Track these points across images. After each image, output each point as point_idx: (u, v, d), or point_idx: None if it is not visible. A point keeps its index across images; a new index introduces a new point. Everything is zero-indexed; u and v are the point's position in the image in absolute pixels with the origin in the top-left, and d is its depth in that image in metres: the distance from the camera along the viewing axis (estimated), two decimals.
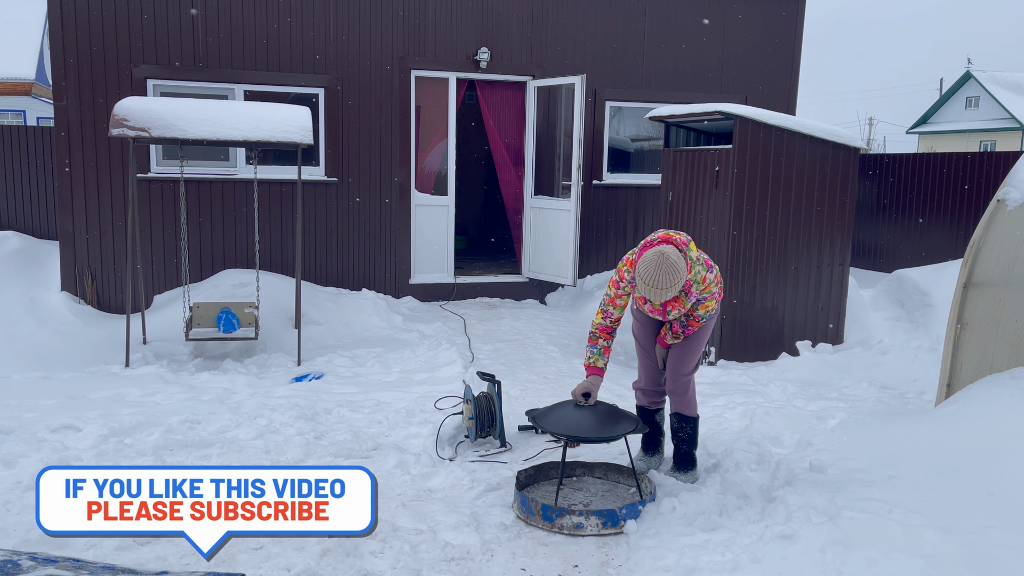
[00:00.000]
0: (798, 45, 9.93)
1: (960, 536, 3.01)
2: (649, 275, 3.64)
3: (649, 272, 3.64)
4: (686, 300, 3.90)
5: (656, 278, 3.63)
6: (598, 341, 3.99)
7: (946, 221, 10.53)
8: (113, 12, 7.76)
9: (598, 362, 3.97)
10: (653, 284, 3.64)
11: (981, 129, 37.81)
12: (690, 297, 3.89)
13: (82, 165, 7.83)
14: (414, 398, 5.36)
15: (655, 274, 3.63)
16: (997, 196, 4.36)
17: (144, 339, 6.78)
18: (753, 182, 6.41)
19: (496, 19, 8.90)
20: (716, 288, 3.97)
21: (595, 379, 3.95)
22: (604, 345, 3.99)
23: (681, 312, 3.95)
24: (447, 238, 9.14)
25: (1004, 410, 3.82)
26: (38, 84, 19.45)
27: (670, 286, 3.63)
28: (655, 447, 4.44)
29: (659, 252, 3.66)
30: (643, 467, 4.31)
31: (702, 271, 3.86)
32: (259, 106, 6.66)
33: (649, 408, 4.38)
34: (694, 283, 3.85)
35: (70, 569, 1.64)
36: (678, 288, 3.67)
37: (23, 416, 4.77)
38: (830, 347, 6.70)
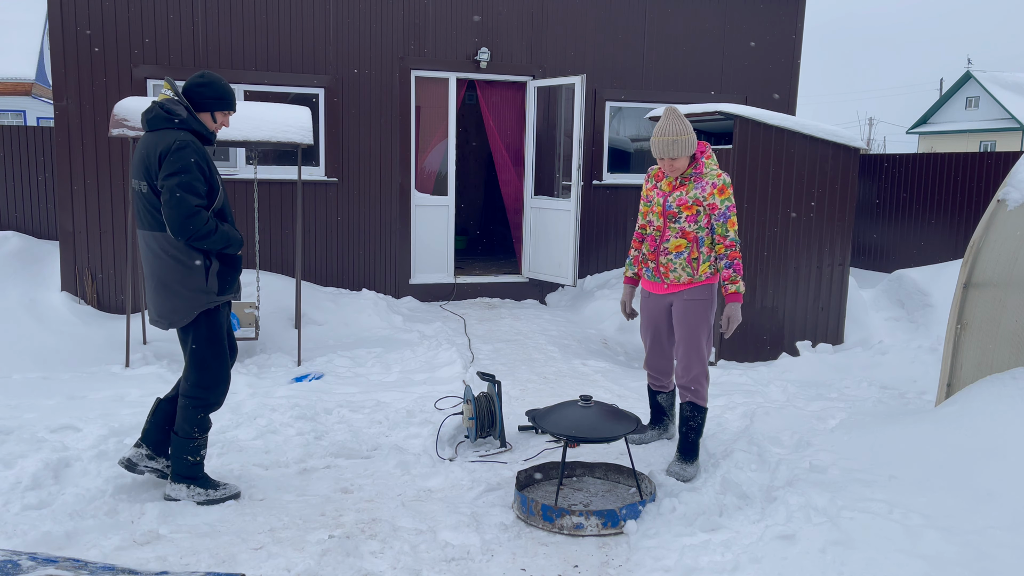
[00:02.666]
0: (798, 45, 9.93)
1: (960, 536, 3.01)
2: (659, 127, 3.97)
3: (660, 125, 3.97)
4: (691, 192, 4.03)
5: (665, 125, 3.94)
6: (630, 252, 4.47)
7: (946, 221, 10.53)
8: (113, 12, 7.76)
9: (628, 271, 4.49)
10: (663, 132, 3.93)
11: (981, 129, 37.82)
12: (701, 186, 4.03)
13: (82, 165, 7.83)
14: (414, 398, 5.36)
15: (665, 122, 3.95)
16: (997, 196, 4.36)
17: (144, 339, 6.78)
18: (753, 182, 6.41)
19: (496, 19, 8.90)
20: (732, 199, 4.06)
21: (629, 288, 4.49)
22: (635, 255, 4.43)
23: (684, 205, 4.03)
24: (447, 238, 9.14)
25: (1004, 410, 3.81)
26: (38, 84, 19.45)
27: (679, 133, 3.91)
28: (657, 423, 4.70)
29: (669, 107, 4.03)
30: (640, 438, 4.62)
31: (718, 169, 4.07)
32: (259, 106, 6.66)
33: (655, 389, 4.63)
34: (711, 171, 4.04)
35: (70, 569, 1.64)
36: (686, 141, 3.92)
37: (23, 416, 4.77)
38: (830, 347, 6.70)
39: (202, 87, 3.62)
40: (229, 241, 3.62)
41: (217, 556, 3.28)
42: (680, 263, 4.09)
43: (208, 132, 3.66)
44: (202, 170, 3.52)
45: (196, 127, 3.61)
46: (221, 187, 3.66)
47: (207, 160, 3.56)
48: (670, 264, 4.11)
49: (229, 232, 3.62)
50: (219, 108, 3.66)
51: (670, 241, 4.09)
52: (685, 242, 4.07)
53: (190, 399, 3.74)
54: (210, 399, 3.77)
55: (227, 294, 3.73)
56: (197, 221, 3.47)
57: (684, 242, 4.07)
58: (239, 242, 3.68)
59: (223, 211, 3.69)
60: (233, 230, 3.68)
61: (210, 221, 3.53)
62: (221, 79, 3.70)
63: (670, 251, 4.10)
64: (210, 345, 3.71)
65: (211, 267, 3.61)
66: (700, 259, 4.09)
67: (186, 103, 3.60)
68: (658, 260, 4.15)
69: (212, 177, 3.58)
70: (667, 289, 4.18)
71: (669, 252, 4.10)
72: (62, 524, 3.40)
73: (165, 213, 3.48)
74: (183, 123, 3.56)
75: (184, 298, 3.60)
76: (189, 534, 3.46)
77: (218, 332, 3.73)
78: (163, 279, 3.60)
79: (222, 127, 3.75)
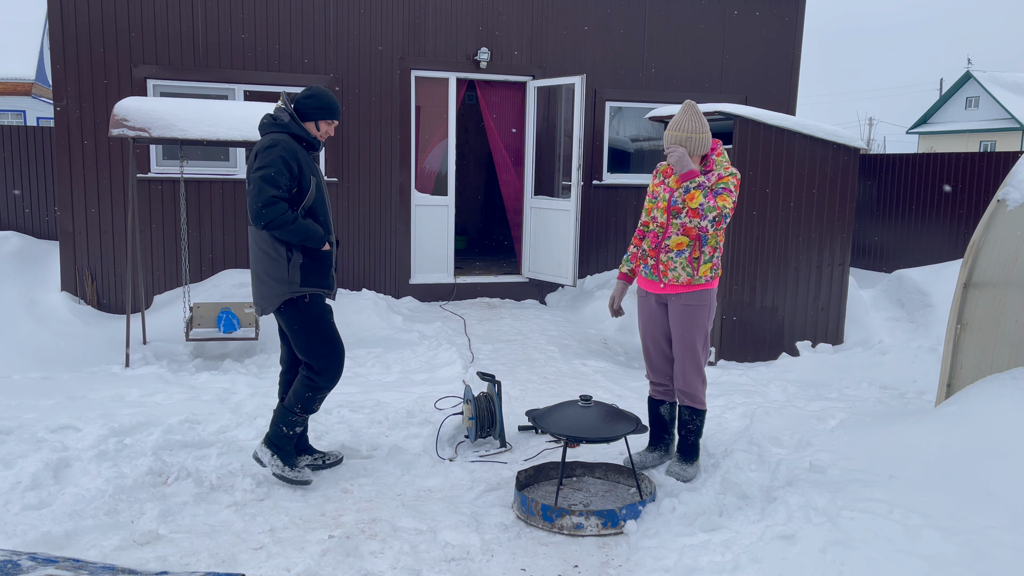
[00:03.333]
0: (798, 45, 9.93)
1: (960, 536, 3.01)
2: (675, 121, 4.01)
3: (676, 118, 4.02)
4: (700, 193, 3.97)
5: (682, 120, 3.99)
6: (629, 248, 4.38)
7: (946, 221, 10.54)
8: (113, 12, 7.76)
9: (623, 267, 4.38)
10: (678, 127, 3.98)
11: (981, 129, 37.82)
12: (712, 173, 4.02)
13: (82, 165, 7.83)
14: (414, 398, 5.36)
15: (682, 116, 4.00)
16: (997, 196, 4.36)
17: (144, 339, 6.78)
18: (753, 182, 6.41)
19: (496, 19, 8.90)
20: (735, 182, 4.02)
21: (623, 284, 4.37)
22: (634, 251, 4.34)
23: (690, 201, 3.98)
24: (447, 238, 9.13)
25: (1004, 410, 3.81)
26: (38, 84, 19.45)
27: (695, 131, 3.96)
28: (658, 444, 4.40)
29: (688, 102, 4.04)
30: (641, 462, 4.29)
31: (729, 165, 4.07)
32: (259, 106, 6.66)
33: (657, 398, 4.39)
34: (722, 166, 4.04)
35: (70, 569, 1.64)
36: (702, 137, 3.97)
37: (23, 416, 4.77)
38: (830, 347, 6.70)
39: (307, 99, 3.93)
40: (307, 235, 3.81)
41: (217, 556, 3.28)
42: (681, 262, 4.02)
43: (311, 137, 3.93)
44: (289, 167, 3.77)
45: (297, 131, 3.89)
46: (315, 188, 3.89)
47: (298, 160, 3.82)
48: (670, 263, 4.04)
49: (308, 226, 3.81)
50: (321, 117, 3.96)
51: (672, 238, 4.03)
52: (687, 240, 4.01)
53: (304, 377, 3.99)
54: (319, 383, 3.97)
55: (311, 287, 3.91)
56: (272, 210, 3.71)
57: (686, 240, 4.01)
58: (318, 238, 3.85)
59: (313, 210, 3.91)
60: (314, 226, 3.84)
61: (287, 213, 3.75)
62: (327, 93, 3.97)
63: (671, 248, 4.03)
64: (307, 335, 3.93)
65: (292, 259, 3.85)
66: (701, 259, 4.02)
67: (291, 111, 3.91)
68: (658, 257, 4.08)
69: (303, 176, 3.84)
70: (664, 288, 4.10)
71: (670, 250, 4.03)
72: (62, 524, 3.40)
73: (247, 202, 3.78)
74: (284, 127, 3.88)
75: (269, 287, 3.90)
76: (189, 534, 3.46)
77: (314, 322, 3.93)
78: (256, 269, 3.95)
79: (327, 135, 4.02)
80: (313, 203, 3.89)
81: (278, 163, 3.73)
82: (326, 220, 3.96)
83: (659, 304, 4.20)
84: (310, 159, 3.93)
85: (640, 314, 4.32)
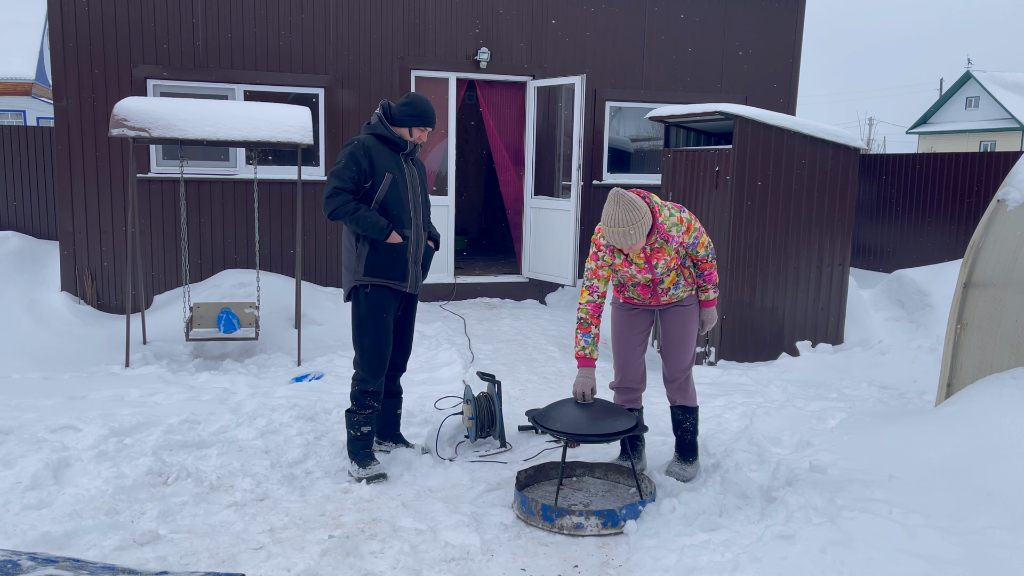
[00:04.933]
0: (798, 45, 9.93)
1: (960, 536, 3.01)
2: (609, 215, 3.63)
3: (608, 212, 3.64)
4: (668, 247, 3.84)
5: (616, 215, 3.60)
6: (590, 329, 3.90)
7: (946, 221, 10.53)
8: (113, 12, 7.76)
9: (593, 353, 3.90)
10: (615, 223, 3.61)
11: (981, 129, 37.81)
12: (672, 242, 3.83)
13: (82, 165, 7.83)
14: (414, 398, 5.36)
15: (614, 211, 3.61)
16: (997, 196, 4.36)
17: (144, 339, 6.78)
18: (753, 182, 6.41)
19: (496, 19, 8.90)
20: (698, 224, 3.91)
21: (591, 371, 3.91)
22: (596, 333, 3.92)
23: (669, 262, 3.86)
24: (447, 238, 9.13)
25: (1004, 410, 3.81)
26: (38, 84, 19.45)
27: (632, 223, 3.59)
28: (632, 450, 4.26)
29: (614, 191, 3.68)
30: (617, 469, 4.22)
31: (675, 212, 3.84)
32: (259, 106, 6.66)
33: (627, 408, 4.20)
34: (672, 226, 3.80)
35: (70, 569, 1.64)
36: (642, 226, 3.62)
37: (23, 416, 4.77)
38: (830, 347, 6.70)
39: (403, 106, 4.14)
40: (366, 225, 3.98)
41: (217, 556, 3.28)
42: (681, 287, 4.04)
43: (395, 138, 4.12)
44: (358, 163, 4.00)
45: (380, 132, 4.11)
46: (388, 183, 4.05)
47: (371, 156, 4.03)
48: (672, 296, 4.05)
49: (368, 217, 3.98)
50: (414, 124, 4.15)
51: (664, 282, 4.00)
52: (676, 274, 4.00)
53: (354, 372, 4.19)
54: (362, 375, 4.14)
55: (375, 277, 4.09)
56: (334, 200, 3.97)
57: (676, 274, 4.00)
58: (379, 228, 3.99)
59: (385, 204, 4.06)
60: (377, 218, 3.99)
61: (349, 204, 3.97)
62: (422, 102, 4.15)
63: (668, 287, 4.02)
64: (360, 324, 4.13)
65: (359, 250, 4.08)
66: (693, 275, 4.08)
67: (381, 115, 4.13)
68: (659, 300, 4.05)
69: (375, 172, 4.04)
70: (663, 304, 4.10)
71: (668, 289, 4.02)
72: (62, 524, 3.40)
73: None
74: (371, 128, 4.14)
75: (344, 276, 4.21)
76: (189, 534, 3.46)
77: (369, 313, 4.10)
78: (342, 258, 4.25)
79: (420, 140, 4.20)
80: (385, 197, 4.05)
81: (347, 158, 3.99)
82: (400, 214, 4.09)
83: (649, 313, 4.18)
84: (394, 158, 4.11)
85: (620, 320, 4.19)
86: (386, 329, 4.15)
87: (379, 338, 4.12)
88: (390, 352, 4.21)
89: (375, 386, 4.16)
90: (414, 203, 4.18)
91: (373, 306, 4.11)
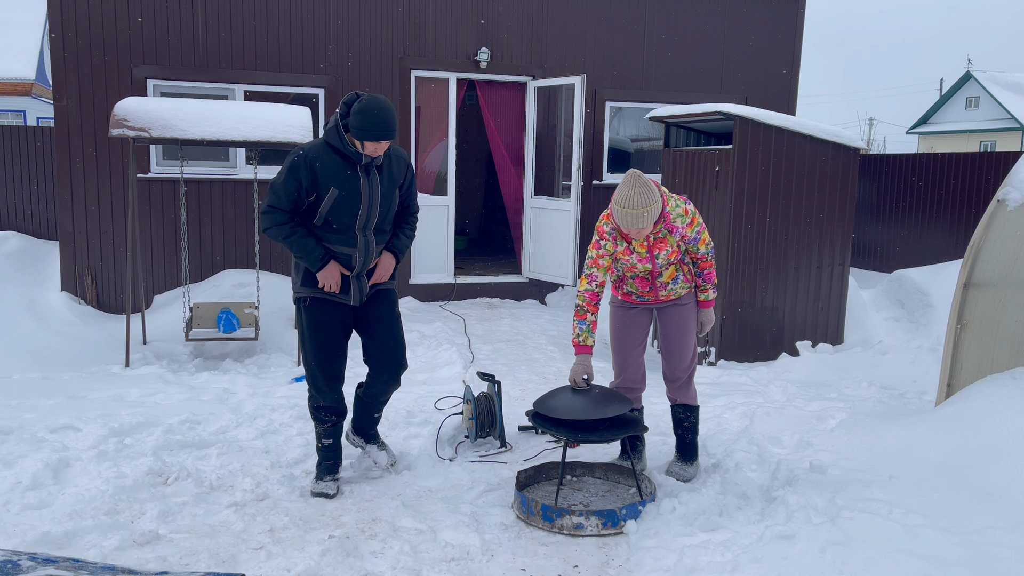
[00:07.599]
0: (798, 45, 9.93)
1: (960, 536, 3.01)
2: (623, 195, 3.59)
3: (623, 192, 3.59)
4: (672, 238, 3.82)
5: (632, 196, 3.57)
6: (587, 316, 3.89)
7: (946, 221, 10.53)
8: (113, 12, 7.76)
9: (588, 340, 3.89)
10: (629, 203, 3.57)
11: (981, 129, 37.82)
12: (676, 233, 3.82)
13: (82, 165, 7.83)
14: (414, 398, 5.36)
15: (630, 191, 3.57)
16: (997, 196, 4.36)
17: (144, 339, 6.78)
18: (753, 182, 6.41)
19: (496, 19, 8.90)
20: (701, 219, 3.91)
21: (588, 358, 3.89)
22: (592, 320, 3.90)
23: (670, 254, 3.85)
24: (447, 238, 9.13)
25: (1004, 410, 3.82)
26: (38, 84, 19.45)
27: (646, 205, 3.57)
28: (632, 450, 4.26)
29: (631, 171, 3.61)
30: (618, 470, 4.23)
31: (680, 203, 3.83)
32: (259, 106, 6.65)
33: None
34: (677, 216, 3.80)
35: (70, 569, 1.64)
36: (654, 210, 3.60)
37: (23, 416, 4.77)
38: (830, 347, 6.70)
39: (355, 114, 3.63)
40: (299, 254, 3.79)
41: (217, 556, 3.28)
42: (679, 282, 4.03)
43: (346, 150, 3.70)
44: (299, 179, 3.67)
45: (331, 140, 3.71)
46: (333, 197, 3.69)
47: (314, 169, 3.68)
48: (670, 291, 4.04)
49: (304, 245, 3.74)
50: (364, 138, 3.63)
51: (663, 275, 3.99)
52: (675, 268, 3.99)
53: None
54: (311, 385, 3.97)
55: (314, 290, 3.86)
56: (267, 218, 3.74)
57: (674, 268, 3.99)
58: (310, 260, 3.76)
59: (328, 221, 3.75)
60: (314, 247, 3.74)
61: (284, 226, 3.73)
62: (376, 108, 3.60)
63: (666, 281, 4.01)
64: (302, 338, 3.96)
65: (297, 261, 3.90)
66: (692, 272, 4.07)
67: (337, 120, 3.72)
68: (657, 295, 4.04)
69: (318, 186, 3.69)
70: (661, 301, 4.10)
71: (666, 284, 4.01)
72: (62, 524, 3.40)
73: None
74: (325, 133, 3.76)
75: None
76: (189, 534, 3.46)
77: (309, 328, 3.89)
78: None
79: (374, 153, 3.69)
80: (328, 212, 3.72)
81: (286, 173, 3.69)
82: (344, 231, 3.76)
83: (648, 311, 4.18)
84: (345, 169, 3.71)
85: (619, 320, 4.17)
86: (329, 342, 3.89)
87: (320, 353, 3.88)
88: (339, 365, 3.96)
89: (326, 400, 3.94)
90: (367, 216, 3.78)
91: (312, 320, 3.88)
